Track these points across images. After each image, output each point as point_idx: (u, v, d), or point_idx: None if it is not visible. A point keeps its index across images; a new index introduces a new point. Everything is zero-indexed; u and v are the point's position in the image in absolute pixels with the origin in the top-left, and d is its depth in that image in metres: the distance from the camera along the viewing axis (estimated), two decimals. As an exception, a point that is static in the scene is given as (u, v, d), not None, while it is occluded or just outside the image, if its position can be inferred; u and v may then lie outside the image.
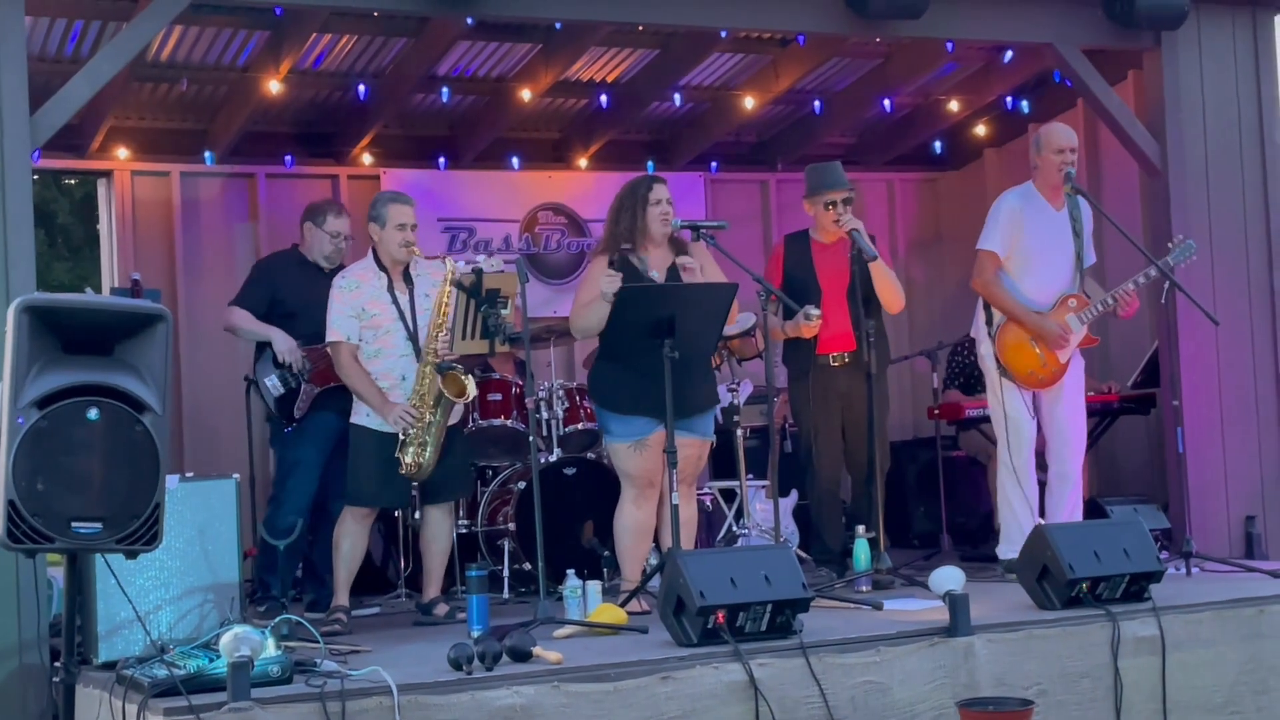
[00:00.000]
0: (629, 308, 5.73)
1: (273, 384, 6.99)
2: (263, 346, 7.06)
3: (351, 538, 6.26)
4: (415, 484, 6.36)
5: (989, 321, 6.76)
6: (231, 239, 8.91)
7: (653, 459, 6.04)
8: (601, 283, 5.96)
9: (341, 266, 6.86)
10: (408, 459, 6.13)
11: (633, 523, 6.12)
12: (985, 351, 6.79)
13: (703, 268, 6.20)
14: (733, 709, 4.75)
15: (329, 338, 6.32)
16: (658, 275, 6.14)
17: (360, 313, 6.25)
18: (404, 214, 6.31)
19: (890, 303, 6.77)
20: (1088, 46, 7.57)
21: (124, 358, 4.14)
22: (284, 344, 6.93)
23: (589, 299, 6.09)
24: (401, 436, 6.13)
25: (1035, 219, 6.75)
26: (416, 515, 6.57)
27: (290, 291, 7.03)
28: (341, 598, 6.25)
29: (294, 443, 6.97)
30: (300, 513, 6.82)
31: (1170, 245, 6.87)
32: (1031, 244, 6.72)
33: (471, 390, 6.19)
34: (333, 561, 6.33)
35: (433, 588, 6.42)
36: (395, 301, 6.27)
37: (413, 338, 6.25)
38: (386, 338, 6.25)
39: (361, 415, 6.27)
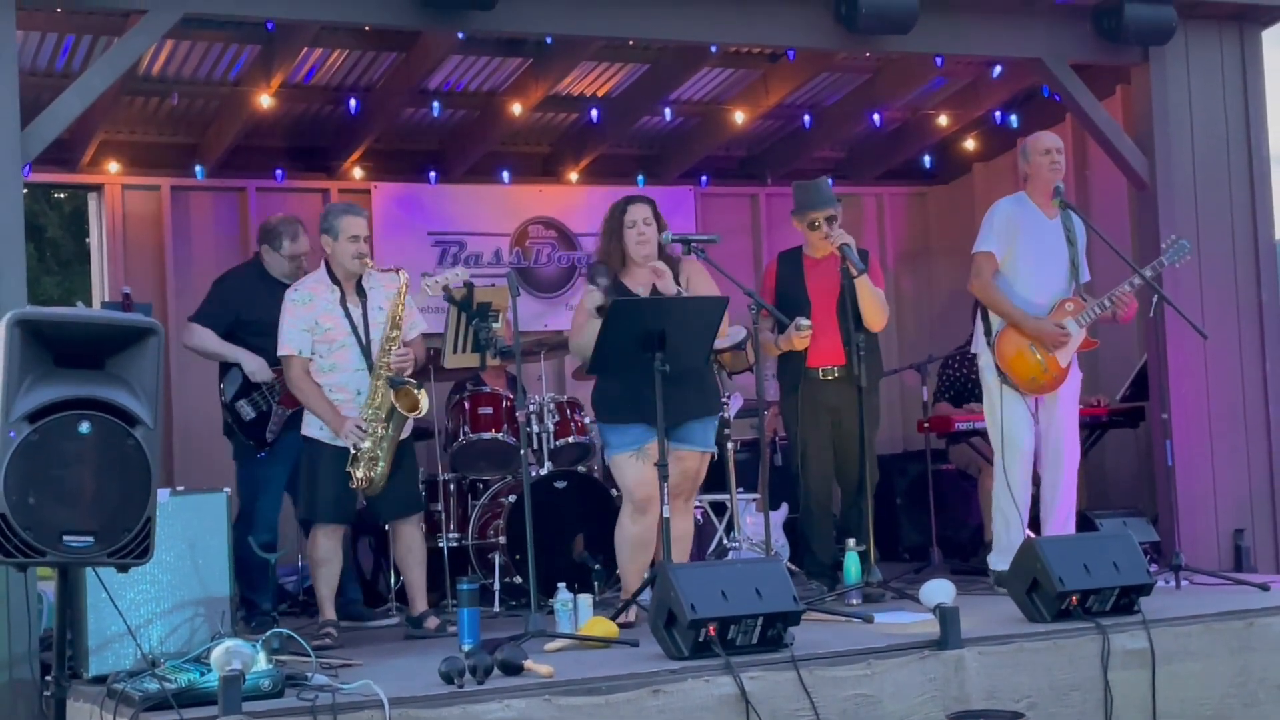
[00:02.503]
0: (619, 321, 5.74)
1: (243, 409, 6.94)
2: (228, 365, 7.02)
3: (325, 553, 6.23)
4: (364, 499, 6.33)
5: (988, 332, 6.78)
6: (222, 253, 8.89)
7: (652, 468, 6.05)
8: (586, 301, 6.08)
9: None
10: (359, 474, 6.11)
11: (631, 537, 6.12)
12: (985, 363, 6.80)
13: (690, 280, 6.21)
14: (724, 722, 4.75)
15: (280, 351, 6.28)
16: (643, 291, 6.15)
17: (313, 326, 6.21)
18: (356, 225, 6.27)
19: (871, 319, 6.73)
20: (1076, 61, 7.60)
21: (116, 371, 4.14)
22: (254, 364, 6.88)
23: (582, 321, 6.15)
24: (353, 451, 6.11)
25: (1029, 225, 6.78)
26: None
27: (256, 310, 6.91)
28: (328, 612, 6.25)
29: (265, 461, 6.97)
30: (272, 530, 6.81)
31: (1164, 246, 6.89)
32: (1026, 249, 6.75)
33: (424, 405, 6.17)
34: (312, 579, 6.33)
35: (419, 601, 6.41)
36: (348, 315, 6.24)
37: (366, 351, 6.22)
38: (341, 352, 6.22)
39: (314, 428, 6.24)
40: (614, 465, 6.17)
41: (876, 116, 9.33)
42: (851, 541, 6.45)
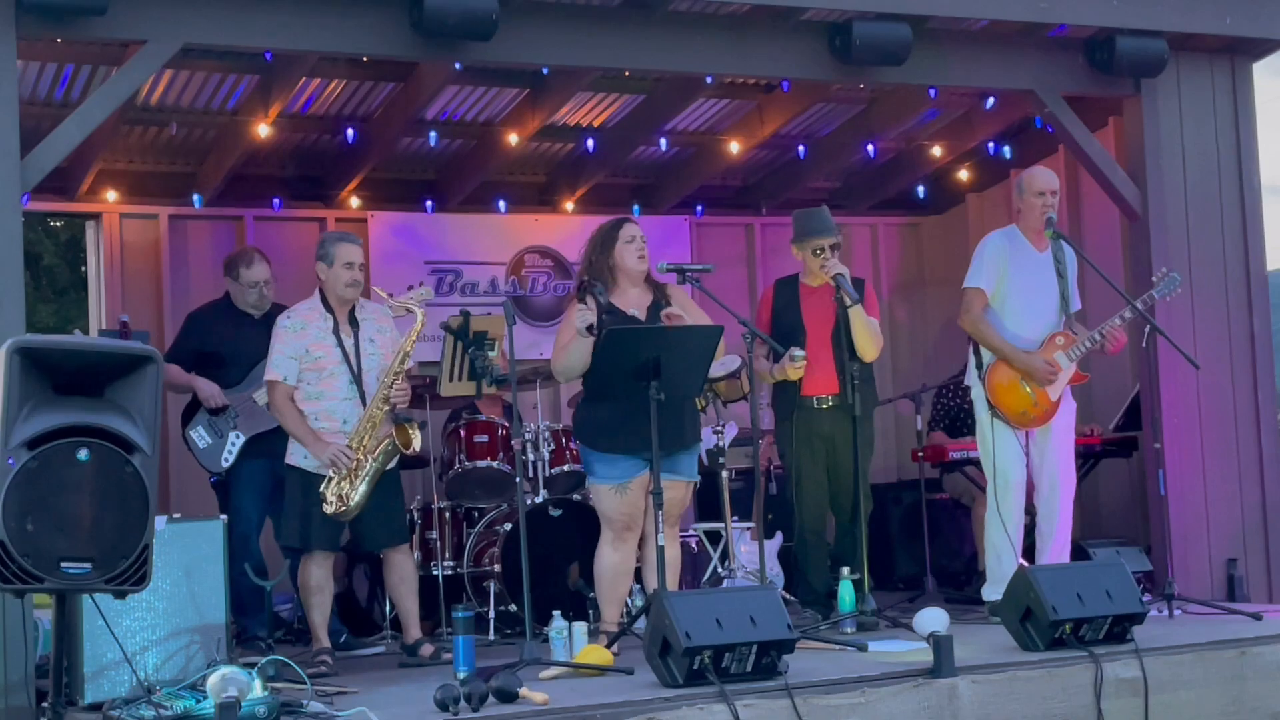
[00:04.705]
0: (615, 349, 5.75)
1: (198, 435, 7.00)
2: (195, 401, 7.12)
3: (317, 581, 6.24)
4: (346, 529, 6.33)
5: (979, 365, 6.81)
6: (219, 282, 8.89)
7: (633, 502, 6.05)
8: (575, 318, 5.97)
9: (278, 308, 6.84)
10: (331, 495, 6.12)
11: (611, 565, 6.13)
12: (977, 395, 6.83)
13: (684, 310, 6.22)
14: (718, 750, 4.76)
15: (266, 376, 6.29)
16: (638, 313, 6.16)
17: (303, 354, 6.22)
18: (352, 253, 6.30)
19: (864, 349, 6.75)
20: (1069, 93, 7.64)
21: (114, 399, 4.17)
22: (207, 389, 7.01)
23: (568, 340, 6.08)
24: (330, 474, 6.12)
25: (1020, 260, 6.82)
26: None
27: (218, 341, 7.12)
28: (322, 640, 6.25)
29: (230, 492, 7.02)
30: (251, 557, 6.82)
31: (1155, 279, 6.94)
32: (1016, 284, 6.78)
33: (416, 444, 6.21)
34: (304, 607, 6.33)
35: (413, 628, 6.41)
36: (340, 344, 6.26)
37: (356, 380, 6.24)
38: (330, 380, 6.23)
39: (297, 456, 6.24)
40: (595, 493, 6.18)
41: (870, 147, 9.38)
42: (846, 570, 6.46)
